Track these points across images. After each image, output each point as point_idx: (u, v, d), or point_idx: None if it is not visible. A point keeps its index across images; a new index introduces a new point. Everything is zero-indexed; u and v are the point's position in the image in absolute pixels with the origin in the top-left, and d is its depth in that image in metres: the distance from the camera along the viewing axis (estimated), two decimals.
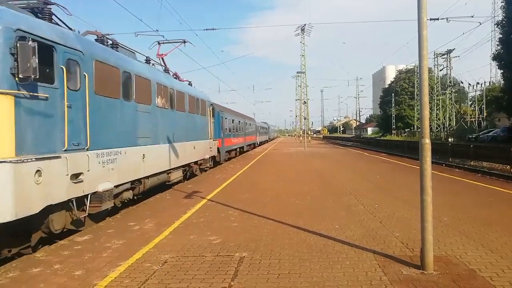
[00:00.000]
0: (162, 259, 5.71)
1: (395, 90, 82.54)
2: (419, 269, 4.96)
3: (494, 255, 5.51)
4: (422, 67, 5.03)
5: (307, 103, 60.77)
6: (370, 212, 8.47)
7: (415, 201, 7.76)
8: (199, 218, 8.31)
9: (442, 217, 7.78)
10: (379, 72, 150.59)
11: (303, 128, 56.90)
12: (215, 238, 6.74)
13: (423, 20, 4.98)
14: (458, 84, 59.91)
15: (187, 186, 13.55)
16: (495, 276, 4.72)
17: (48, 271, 5.35)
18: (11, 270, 5.47)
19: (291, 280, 4.78)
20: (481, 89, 54.05)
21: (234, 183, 13.94)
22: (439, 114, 58.56)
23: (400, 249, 5.85)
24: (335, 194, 10.90)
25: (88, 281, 4.94)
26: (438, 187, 10.90)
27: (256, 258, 5.63)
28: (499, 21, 36.68)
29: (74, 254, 6.09)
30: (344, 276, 4.84)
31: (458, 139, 45.59)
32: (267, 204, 9.72)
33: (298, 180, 14.24)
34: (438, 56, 56.03)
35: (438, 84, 58.28)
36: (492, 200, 9.78)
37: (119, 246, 6.46)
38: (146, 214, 9.01)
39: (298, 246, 6.12)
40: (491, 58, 40.92)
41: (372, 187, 12.11)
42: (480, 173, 17.03)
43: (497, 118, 54.16)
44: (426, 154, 4.98)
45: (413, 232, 6.67)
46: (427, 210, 4.94)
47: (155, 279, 4.93)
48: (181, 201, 10.57)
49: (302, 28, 57.91)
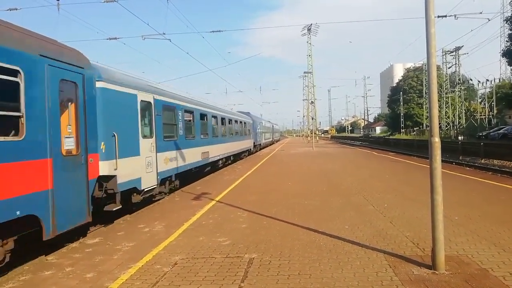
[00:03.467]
0: (172, 261, 5.74)
1: (403, 88, 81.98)
2: (430, 269, 4.91)
3: (507, 254, 5.44)
4: (431, 65, 4.99)
5: (315, 103, 60.58)
6: (380, 212, 8.41)
7: (425, 200, 7.69)
8: (208, 220, 8.33)
9: (453, 216, 7.70)
10: (387, 71, 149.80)
11: (310, 128, 56.75)
12: (225, 239, 6.75)
13: (430, 18, 4.94)
14: (467, 81, 59.38)
15: (196, 188, 13.59)
16: (508, 276, 4.66)
17: (60, 274, 5.41)
18: (24, 273, 5.54)
19: (301, 281, 4.76)
20: (490, 86, 53.51)
21: (242, 184, 13.94)
22: (448, 112, 58.03)
23: (411, 249, 5.80)
24: (344, 194, 10.86)
25: (100, 283, 4.98)
26: (448, 186, 10.79)
27: (266, 259, 5.63)
28: (508, 17, 36.36)
29: (85, 257, 6.14)
30: (354, 277, 4.82)
31: (468, 137, 45.11)
32: (276, 204, 9.71)
33: (306, 181, 14.20)
34: (447, 54, 55.51)
35: (447, 81, 57.77)
36: (504, 198, 9.66)
37: (129, 248, 6.50)
38: (155, 216, 9.06)
39: (308, 247, 6.10)
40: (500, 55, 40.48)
41: (381, 187, 12.03)
42: (491, 171, 16.85)
43: (508, 115, 53.52)
44: (436, 153, 4.94)
45: (423, 231, 6.62)
46: (438, 209, 4.90)
47: (166, 281, 4.95)
48: (190, 203, 10.60)
49: (308, 28, 57.67)
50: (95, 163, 7.71)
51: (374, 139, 65.16)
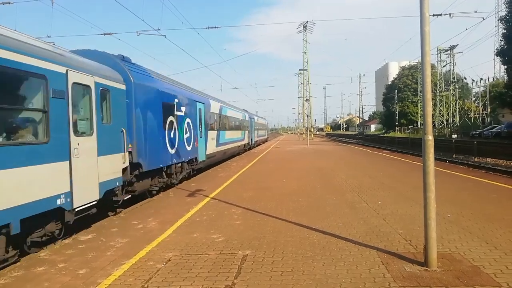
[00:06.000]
0: (166, 257, 5.73)
1: (398, 86, 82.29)
2: (422, 266, 4.95)
3: (498, 251, 5.49)
4: (425, 63, 5.00)
5: (310, 100, 60.66)
6: (373, 209, 8.45)
7: (418, 198, 7.74)
8: (202, 216, 8.33)
9: (446, 213, 7.75)
10: (382, 69, 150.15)
11: (305, 125, 56.79)
12: (218, 236, 6.76)
13: (425, 16, 4.95)
14: (461, 80, 59.68)
15: (191, 185, 13.57)
16: (499, 273, 4.70)
17: (53, 270, 5.38)
18: (16, 269, 5.50)
19: (294, 277, 4.78)
20: (484, 85, 53.86)
21: (237, 181, 13.95)
22: (443, 110, 58.32)
23: (403, 246, 5.84)
24: (338, 192, 10.89)
25: (92, 279, 4.97)
26: (441, 184, 10.86)
27: (259, 255, 5.64)
28: (502, 16, 36.48)
29: (78, 253, 6.12)
30: (347, 273, 4.84)
31: (462, 135, 45.41)
32: (270, 201, 9.72)
33: (301, 178, 14.23)
34: (441, 52, 55.72)
35: (442, 80, 58.02)
36: (496, 196, 9.74)
37: (122, 245, 6.48)
38: (149, 212, 9.04)
39: (301, 244, 6.12)
40: (494, 54, 40.54)
41: (375, 184, 12.09)
42: (484, 170, 16.95)
43: (501, 114, 53.93)
44: (429, 151, 4.96)
45: (416, 229, 6.66)
46: (431, 207, 4.92)
47: (159, 277, 4.95)
48: (184, 200, 10.59)
49: (304, 25, 57.73)
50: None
51: (368, 137, 65.26)
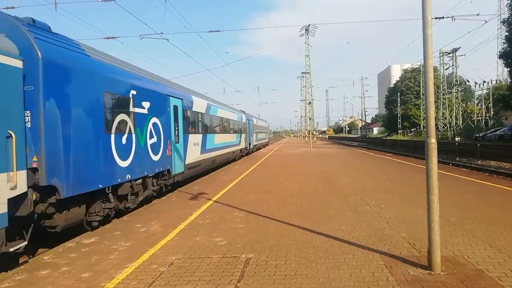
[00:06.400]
0: (169, 260, 5.73)
1: (400, 89, 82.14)
2: (426, 270, 4.92)
3: (502, 255, 5.46)
4: (428, 66, 5.00)
5: (312, 103, 60.63)
6: (377, 213, 8.43)
7: (421, 201, 7.71)
8: (205, 220, 8.33)
9: (449, 217, 7.72)
10: (384, 72, 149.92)
11: (308, 128, 56.77)
12: (221, 239, 6.75)
13: (427, 19, 4.96)
14: (464, 82, 59.52)
15: (193, 188, 13.58)
16: (504, 276, 4.68)
17: (56, 274, 5.39)
18: (20, 272, 5.51)
19: (297, 281, 4.77)
20: (487, 88, 53.65)
21: (239, 184, 13.94)
22: (446, 113, 58.17)
23: (407, 250, 5.82)
24: (341, 195, 10.87)
25: (95, 283, 4.97)
26: (445, 187, 10.82)
27: (262, 259, 5.63)
28: (505, 19, 36.40)
29: (81, 256, 6.13)
30: (350, 277, 4.82)
31: (465, 138, 45.24)
32: (273, 205, 9.71)
33: (303, 181, 14.21)
34: (444, 55, 55.71)
35: (444, 83, 57.93)
36: (500, 199, 9.70)
37: (126, 248, 6.49)
38: (152, 216, 9.05)
39: (304, 247, 6.10)
40: (497, 56, 40.49)
41: (378, 187, 12.06)
42: (488, 172, 16.89)
43: (504, 116, 53.69)
44: (432, 154, 4.95)
45: (420, 232, 6.63)
46: (434, 210, 4.91)
47: (162, 281, 4.95)
48: (187, 203, 10.60)
49: (306, 28, 57.68)
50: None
51: (371, 139, 65.18)
